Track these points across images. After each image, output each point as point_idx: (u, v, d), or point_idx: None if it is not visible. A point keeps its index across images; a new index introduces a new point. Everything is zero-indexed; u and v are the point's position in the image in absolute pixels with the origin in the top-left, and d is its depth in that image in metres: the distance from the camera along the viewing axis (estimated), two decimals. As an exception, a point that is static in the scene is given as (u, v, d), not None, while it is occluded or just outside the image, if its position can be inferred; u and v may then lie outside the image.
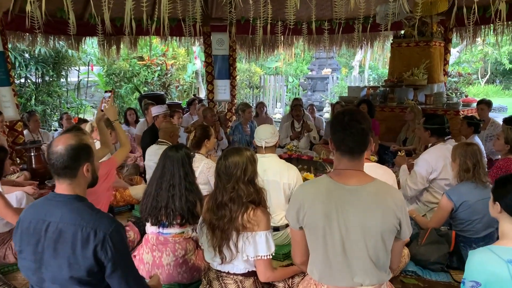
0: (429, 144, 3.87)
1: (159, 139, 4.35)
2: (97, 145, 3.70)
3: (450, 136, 3.92)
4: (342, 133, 1.93)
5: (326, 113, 12.70)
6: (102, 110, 3.35)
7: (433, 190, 3.70)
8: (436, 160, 3.62)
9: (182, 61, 12.95)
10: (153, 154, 4.19)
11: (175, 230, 2.80)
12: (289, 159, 5.83)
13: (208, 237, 2.40)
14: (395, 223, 1.91)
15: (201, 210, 2.74)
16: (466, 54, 19.14)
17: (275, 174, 3.32)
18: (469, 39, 8.17)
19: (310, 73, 16.13)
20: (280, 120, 13.79)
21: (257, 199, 2.38)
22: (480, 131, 5.20)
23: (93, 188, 3.16)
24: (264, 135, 3.39)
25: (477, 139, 5.08)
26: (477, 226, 3.03)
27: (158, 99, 8.68)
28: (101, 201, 3.19)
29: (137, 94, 11.03)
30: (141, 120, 7.33)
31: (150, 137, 5.12)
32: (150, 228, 2.86)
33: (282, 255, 3.31)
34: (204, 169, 3.65)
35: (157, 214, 2.78)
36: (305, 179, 4.32)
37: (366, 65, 18.71)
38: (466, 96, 8.98)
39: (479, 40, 8.63)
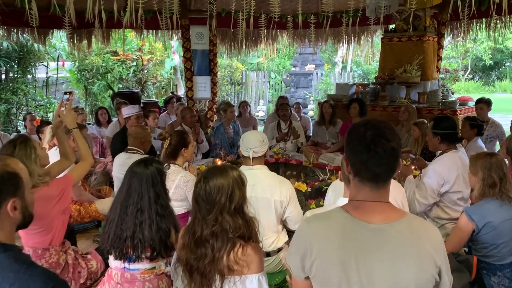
0: (438, 152, 3.42)
1: (128, 147, 3.78)
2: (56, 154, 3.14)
3: (462, 143, 3.48)
4: (365, 154, 1.43)
5: (311, 111, 12.27)
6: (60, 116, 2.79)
7: (444, 204, 3.26)
8: (449, 171, 3.17)
9: (160, 56, 12.31)
10: (122, 165, 3.63)
11: (144, 265, 2.27)
12: (275, 164, 5.34)
13: (184, 281, 1.88)
14: (434, 273, 1.42)
15: (177, 239, 2.22)
16: (447, 50, 18.97)
17: (265, 190, 2.81)
18: (462, 33, 7.80)
19: (293, 69, 15.66)
20: (263, 118, 13.34)
21: (247, 233, 1.87)
22: (483, 133, 4.80)
23: (45, 211, 2.60)
24: (252, 143, 2.88)
25: (480, 142, 4.69)
26: (503, 251, 2.59)
27: (132, 97, 8.08)
28: (54, 226, 2.64)
29: (110, 92, 10.36)
30: (114, 120, 6.72)
31: (121, 141, 4.54)
32: (113, 263, 2.32)
33: (274, 286, 2.81)
34: (181, 183, 3.11)
35: (121, 246, 2.24)
36: (296, 191, 3.83)
37: (349, 61, 18.36)
38: (453, 93, 8.66)
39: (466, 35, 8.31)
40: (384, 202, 1.49)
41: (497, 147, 5.80)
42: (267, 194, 2.80)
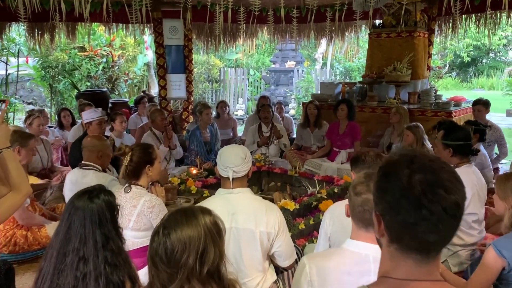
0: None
1: (83, 162, 3.18)
2: None
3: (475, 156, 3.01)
4: (413, 214, 0.92)
5: (292, 110, 11.79)
6: None
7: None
8: (464, 190, 2.70)
9: (132, 52, 11.58)
10: (75, 184, 3.03)
11: (89, 333, 1.70)
12: (257, 173, 4.81)
13: None
14: None
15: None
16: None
17: (248, 219, 2.28)
18: (450, 29, 7.40)
19: (273, 66, 15.12)
20: (243, 117, 12.79)
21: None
22: (485, 139, 4.38)
23: None
24: (232, 161, 2.34)
25: (483, 149, 4.27)
26: (539, 294, 2.12)
27: (99, 97, 7.42)
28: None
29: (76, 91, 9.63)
30: (78, 123, 6.06)
31: (80, 151, 3.93)
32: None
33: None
34: (144, 208, 2.54)
35: (58, 308, 1.67)
36: (283, 210, 3.31)
37: (329, 57, 17.93)
38: (436, 91, 8.29)
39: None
40: (437, 282, 0.98)
41: (496, 150, 5.42)
42: (251, 224, 2.27)
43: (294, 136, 7.49)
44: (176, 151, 5.23)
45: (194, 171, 4.65)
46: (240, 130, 9.48)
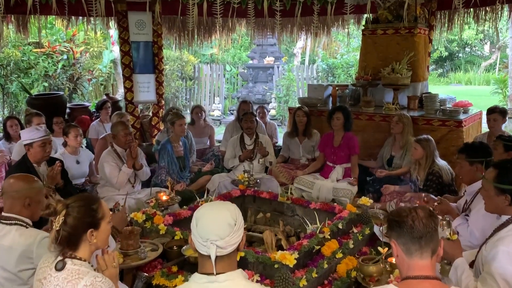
0: (504, 217, 2.19)
1: (3, 213, 2.29)
2: None
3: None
4: None
5: (273, 110, 11.00)
6: None
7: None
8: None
9: (97, 48, 10.55)
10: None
11: None
12: (241, 198, 4.01)
13: None
14: None
15: None
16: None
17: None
18: (449, 24, 6.74)
19: (250, 61, 14.27)
20: (219, 118, 11.91)
21: None
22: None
23: None
24: (215, 230, 1.54)
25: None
26: None
27: (55, 102, 6.43)
28: None
29: (35, 91, 8.57)
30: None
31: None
32: None
33: None
34: (84, 295, 1.71)
35: None
36: (280, 265, 2.53)
37: (307, 52, 17.19)
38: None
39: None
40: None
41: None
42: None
43: (279, 143, 6.74)
44: (142, 172, 4.36)
45: (164, 197, 3.82)
46: (218, 133, 8.64)
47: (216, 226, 1.55)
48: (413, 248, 1.58)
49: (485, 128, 5.72)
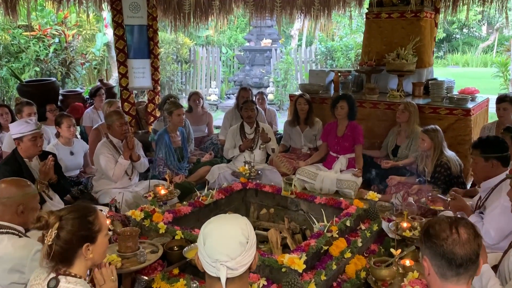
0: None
1: None
2: None
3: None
4: None
5: (270, 94, 10.78)
6: None
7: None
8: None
9: (90, 30, 10.23)
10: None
11: None
12: (242, 191, 3.86)
13: None
14: None
15: None
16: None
17: None
18: (453, 7, 6.51)
19: (247, 44, 13.96)
20: (216, 103, 11.67)
21: None
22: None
23: None
24: (224, 250, 1.39)
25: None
26: None
27: (47, 89, 6.20)
28: None
29: (26, 76, 8.31)
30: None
31: (8, 175, 2.86)
32: None
33: None
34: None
35: None
36: (289, 270, 2.40)
37: (304, 33, 16.86)
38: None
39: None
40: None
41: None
42: None
43: (278, 129, 6.57)
44: (140, 163, 4.19)
45: (162, 191, 3.67)
46: (215, 118, 8.42)
47: (226, 245, 1.39)
48: (449, 274, 1.42)
49: (492, 115, 5.58)
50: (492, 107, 5.49)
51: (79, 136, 5.92)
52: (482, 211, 2.84)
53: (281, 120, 8.01)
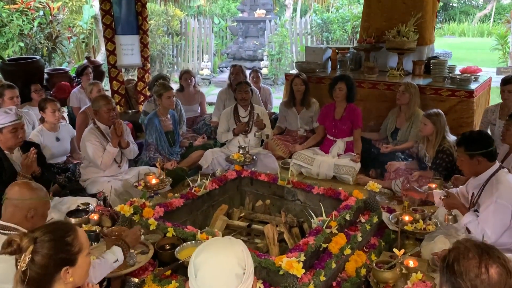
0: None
1: (0, 222, 1.95)
2: None
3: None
4: None
5: (265, 68, 10.49)
6: None
7: None
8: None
9: (76, 2, 9.80)
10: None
11: None
12: (237, 180, 3.70)
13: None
14: None
15: None
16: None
17: None
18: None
19: (240, 15, 13.52)
20: (209, 77, 11.37)
21: None
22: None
23: None
24: (220, 285, 1.24)
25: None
26: None
27: (31, 68, 5.90)
28: None
29: (10, 52, 7.97)
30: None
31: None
32: None
33: None
34: None
35: None
36: (287, 274, 2.27)
37: (299, 3, 16.37)
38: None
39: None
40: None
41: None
42: None
43: (273, 108, 6.38)
44: (129, 150, 4.01)
45: (153, 180, 3.51)
46: (208, 93, 8.18)
47: (221, 279, 1.24)
48: None
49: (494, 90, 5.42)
50: (494, 83, 5.32)
51: (66, 117, 5.70)
52: (477, 209, 2.74)
53: (276, 95, 7.79)
